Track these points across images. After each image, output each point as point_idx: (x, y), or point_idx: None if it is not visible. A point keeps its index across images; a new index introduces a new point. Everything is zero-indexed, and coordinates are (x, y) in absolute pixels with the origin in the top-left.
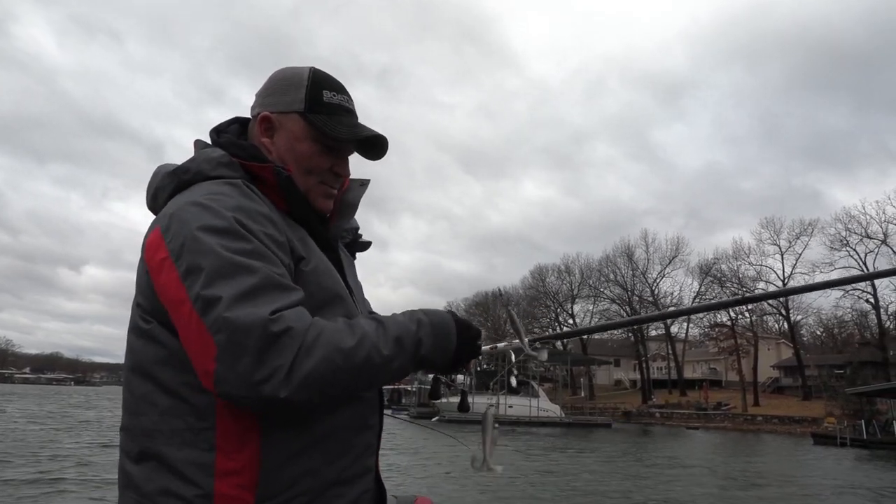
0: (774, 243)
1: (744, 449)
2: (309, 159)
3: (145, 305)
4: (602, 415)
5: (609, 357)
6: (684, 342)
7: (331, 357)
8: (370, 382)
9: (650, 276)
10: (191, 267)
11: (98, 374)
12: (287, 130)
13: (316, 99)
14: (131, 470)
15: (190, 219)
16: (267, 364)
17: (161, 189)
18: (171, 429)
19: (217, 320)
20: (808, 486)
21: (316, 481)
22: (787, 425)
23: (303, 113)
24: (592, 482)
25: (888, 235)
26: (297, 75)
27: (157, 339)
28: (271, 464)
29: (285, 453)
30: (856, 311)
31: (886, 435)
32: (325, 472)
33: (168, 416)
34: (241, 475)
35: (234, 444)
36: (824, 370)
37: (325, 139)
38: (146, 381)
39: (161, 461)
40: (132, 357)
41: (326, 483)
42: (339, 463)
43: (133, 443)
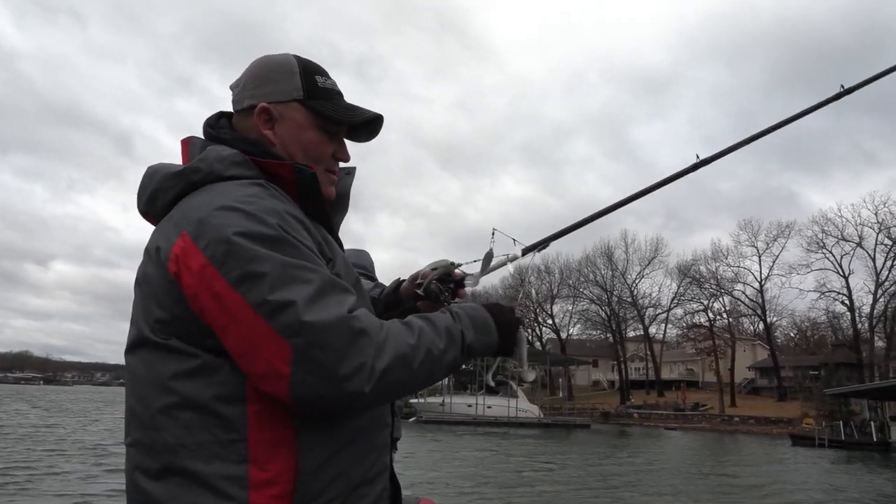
0: (752, 245)
1: (724, 451)
2: (316, 148)
3: (163, 317)
4: (580, 415)
5: (587, 357)
6: (662, 343)
7: (401, 353)
8: (430, 377)
9: (629, 276)
10: (246, 274)
11: (69, 374)
12: (289, 120)
13: (312, 85)
14: (150, 488)
15: (229, 224)
16: (351, 361)
17: (162, 191)
18: (197, 442)
19: (292, 324)
20: (797, 490)
21: (347, 483)
22: (764, 426)
23: (303, 101)
24: (576, 485)
25: (863, 238)
26: (286, 62)
27: (178, 352)
28: (307, 470)
29: (320, 458)
30: (830, 312)
31: (863, 436)
32: (354, 473)
33: (193, 430)
34: (275, 485)
35: (266, 455)
36: (799, 371)
37: (328, 125)
38: (165, 394)
39: (187, 476)
40: (145, 370)
41: (354, 484)
42: (365, 463)
43: (151, 458)
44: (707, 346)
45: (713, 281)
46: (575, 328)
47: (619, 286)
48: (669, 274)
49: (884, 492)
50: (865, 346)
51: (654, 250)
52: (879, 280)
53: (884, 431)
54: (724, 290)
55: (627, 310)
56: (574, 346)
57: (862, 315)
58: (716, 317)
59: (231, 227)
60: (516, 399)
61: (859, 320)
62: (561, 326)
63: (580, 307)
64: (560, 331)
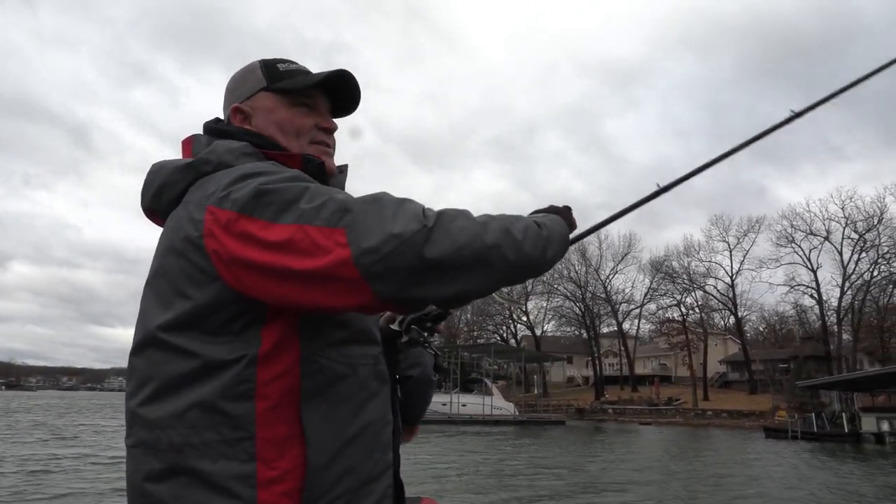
0: (723, 240)
1: (701, 445)
2: (291, 122)
3: (184, 309)
4: (555, 412)
5: (562, 354)
6: (635, 339)
7: (465, 219)
8: (506, 234)
9: (603, 272)
10: (281, 206)
11: (33, 378)
12: (260, 109)
13: (273, 72)
14: (154, 489)
15: (253, 182)
16: (402, 215)
17: (169, 185)
18: (203, 441)
19: (335, 212)
20: (778, 481)
21: (355, 479)
22: (736, 419)
23: (266, 87)
24: (557, 482)
25: (831, 232)
26: (249, 65)
27: (188, 352)
28: (317, 466)
29: (329, 454)
30: (798, 306)
31: (835, 427)
32: (361, 469)
33: (199, 429)
34: (284, 482)
35: (274, 453)
36: (769, 365)
37: (298, 99)
38: (174, 395)
39: (194, 476)
40: (154, 371)
41: (362, 480)
42: (372, 459)
43: (155, 459)
44: (680, 340)
45: (685, 276)
46: (549, 325)
47: (592, 282)
48: (642, 269)
49: (873, 482)
50: (833, 339)
51: (628, 246)
52: (846, 273)
53: (854, 422)
54: (696, 285)
55: (601, 306)
56: (548, 342)
57: (830, 308)
58: (688, 311)
59: (256, 182)
60: (491, 397)
61: (827, 313)
62: (535, 323)
63: (554, 304)
64: (535, 328)
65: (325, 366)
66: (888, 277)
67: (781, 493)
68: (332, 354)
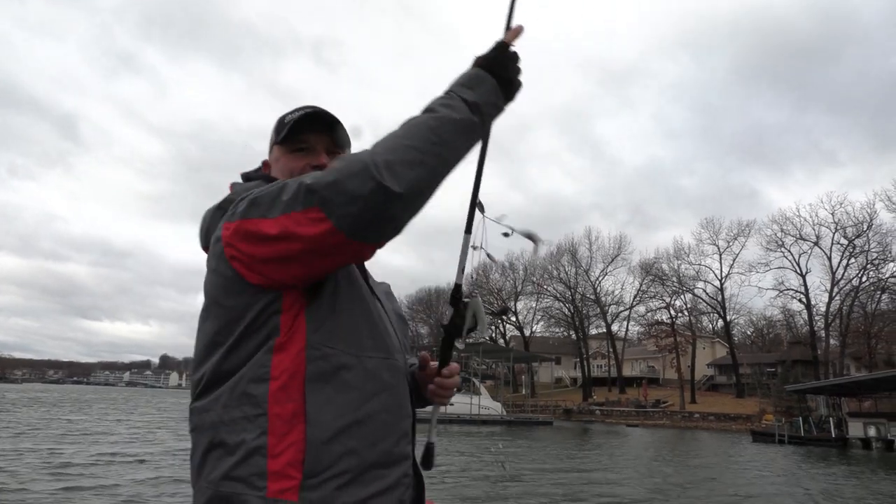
0: (713, 243)
1: (688, 447)
2: (288, 167)
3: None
4: (543, 412)
5: (550, 355)
6: (624, 340)
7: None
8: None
9: (593, 274)
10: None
11: (19, 371)
12: (273, 161)
13: (280, 127)
14: (200, 463)
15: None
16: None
17: (212, 226)
18: (231, 418)
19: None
20: (767, 486)
21: (357, 461)
22: (724, 422)
23: (275, 142)
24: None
25: (820, 237)
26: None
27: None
28: (315, 442)
29: (327, 433)
30: (786, 311)
31: (821, 432)
32: (366, 453)
33: (229, 408)
34: (288, 454)
35: (282, 428)
36: (757, 369)
37: (291, 145)
38: (215, 386)
39: (224, 449)
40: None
41: (367, 464)
42: (380, 446)
43: (203, 437)
44: (668, 343)
45: (675, 279)
46: (538, 325)
47: (582, 283)
48: (632, 272)
49: (872, 489)
50: (821, 344)
51: (618, 248)
52: (835, 279)
53: (841, 427)
54: (685, 288)
55: (590, 307)
56: (537, 343)
57: (818, 313)
58: (677, 314)
59: (250, 195)
60: (479, 396)
61: (815, 318)
62: (524, 324)
63: (544, 304)
64: (523, 328)
65: (329, 354)
66: (876, 283)
67: (771, 498)
68: (338, 345)
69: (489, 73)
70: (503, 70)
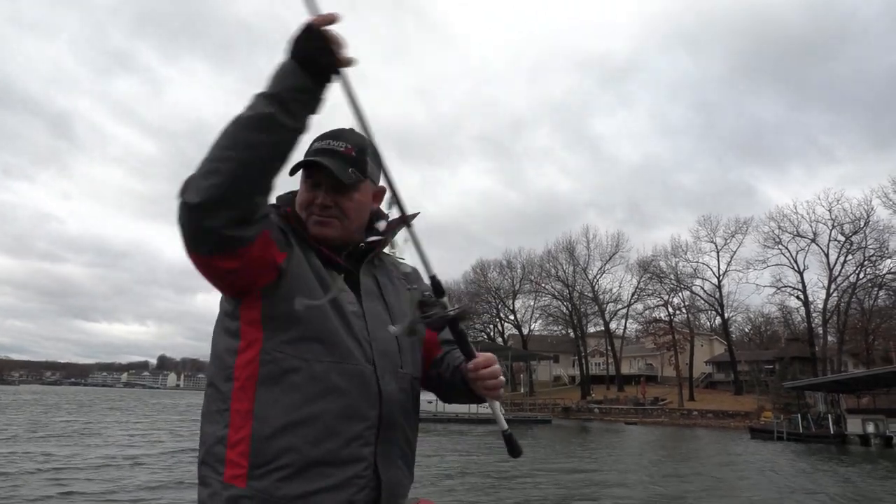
0: (711, 241)
1: (688, 445)
2: (300, 198)
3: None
4: (542, 411)
5: (548, 353)
6: (622, 338)
7: (203, 158)
8: (238, 144)
9: (591, 272)
10: None
11: (17, 373)
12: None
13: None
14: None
15: None
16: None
17: None
18: (209, 411)
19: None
20: (770, 484)
21: (298, 458)
22: (722, 419)
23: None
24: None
25: (817, 234)
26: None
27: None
28: (259, 437)
29: (270, 430)
30: (783, 308)
31: (820, 428)
32: (308, 451)
33: (209, 402)
34: (241, 446)
35: (239, 422)
36: (755, 366)
37: (304, 182)
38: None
39: (204, 436)
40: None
41: (310, 461)
42: (325, 446)
43: (202, 424)
44: (667, 340)
45: (673, 276)
46: (536, 324)
47: (580, 281)
48: (630, 269)
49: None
50: (818, 341)
51: (616, 246)
52: (833, 276)
53: (840, 424)
54: (683, 286)
55: (588, 305)
56: (535, 341)
57: (815, 310)
58: (675, 312)
59: None
60: None
61: (813, 315)
62: (522, 322)
63: (542, 302)
64: (522, 326)
65: (279, 358)
66: (874, 280)
67: (777, 497)
68: (287, 350)
69: (290, 58)
70: (303, 50)
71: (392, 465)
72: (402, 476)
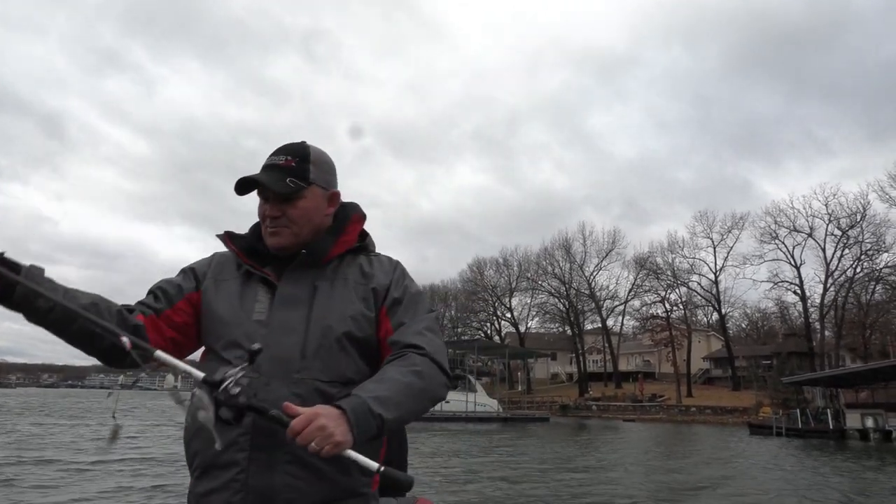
0: (707, 236)
1: (687, 442)
2: (258, 213)
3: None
4: (539, 409)
5: (546, 350)
6: (619, 335)
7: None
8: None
9: (587, 268)
10: None
11: (14, 376)
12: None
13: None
14: None
15: None
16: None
17: None
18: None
19: None
20: (772, 481)
21: (201, 460)
22: (720, 416)
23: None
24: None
25: (814, 229)
26: None
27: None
28: (186, 444)
29: (188, 437)
30: (780, 303)
31: (819, 424)
32: (204, 455)
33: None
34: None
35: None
36: (752, 361)
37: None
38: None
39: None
40: None
41: (207, 464)
42: (210, 451)
43: None
44: (664, 337)
45: (669, 272)
46: (533, 321)
47: (577, 278)
48: (626, 266)
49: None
50: (815, 336)
51: (612, 242)
52: (829, 270)
53: (839, 419)
54: (680, 282)
55: (585, 302)
56: (533, 339)
57: (813, 305)
58: (672, 308)
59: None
60: (475, 393)
61: (810, 310)
62: (519, 320)
63: (539, 300)
64: (519, 324)
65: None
66: (871, 274)
67: (778, 492)
68: (199, 365)
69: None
70: None
71: (272, 470)
72: (289, 481)
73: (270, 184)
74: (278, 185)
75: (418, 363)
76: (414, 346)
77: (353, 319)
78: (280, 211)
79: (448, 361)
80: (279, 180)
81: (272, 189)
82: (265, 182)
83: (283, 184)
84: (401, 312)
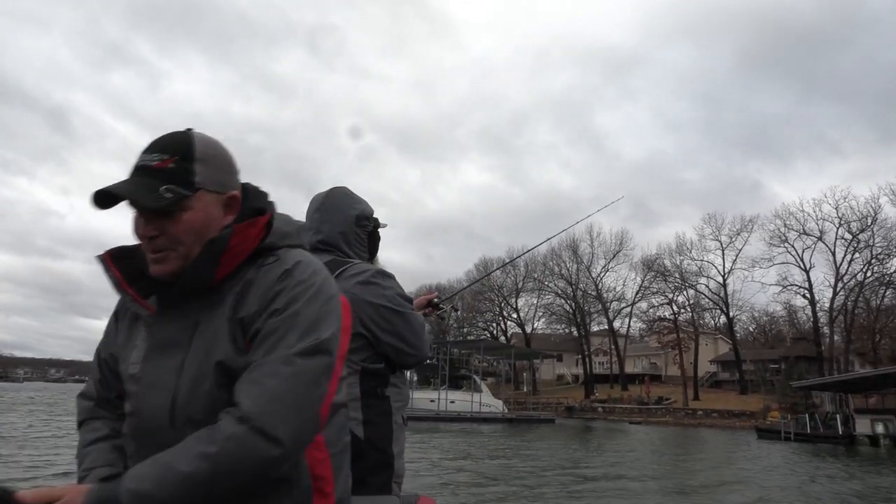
0: (716, 239)
1: (694, 446)
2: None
3: None
4: (545, 410)
5: (552, 351)
6: (626, 337)
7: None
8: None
9: (594, 270)
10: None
11: (22, 370)
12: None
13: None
14: None
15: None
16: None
17: None
18: None
19: None
20: (786, 488)
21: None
22: (727, 419)
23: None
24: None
25: (824, 232)
26: None
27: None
28: None
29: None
30: (789, 307)
31: (828, 429)
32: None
33: None
34: None
35: None
36: (760, 365)
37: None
38: None
39: None
40: None
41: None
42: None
43: None
44: (671, 339)
45: (677, 274)
46: (540, 322)
47: (584, 280)
48: (634, 268)
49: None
50: (824, 340)
51: (619, 244)
52: (839, 274)
53: (848, 424)
54: (687, 284)
55: (592, 304)
56: (539, 340)
57: (822, 309)
58: (679, 310)
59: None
60: (480, 394)
61: (819, 314)
62: (526, 320)
63: (545, 301)
64: (525, 325)
65: None
66: (881, 278)
67: (792, 497)
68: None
69: None
70: None
71: None
72: None
73: (138, 197)
74: (148, 197)
75: (217, 440)
76: (235, 405)
77: (220, 367)
78: (157, 229)
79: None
80: (151, 190)
81: (140, 204)
82: (129, 196)
83: (155, 195)
84: (256, 348)
